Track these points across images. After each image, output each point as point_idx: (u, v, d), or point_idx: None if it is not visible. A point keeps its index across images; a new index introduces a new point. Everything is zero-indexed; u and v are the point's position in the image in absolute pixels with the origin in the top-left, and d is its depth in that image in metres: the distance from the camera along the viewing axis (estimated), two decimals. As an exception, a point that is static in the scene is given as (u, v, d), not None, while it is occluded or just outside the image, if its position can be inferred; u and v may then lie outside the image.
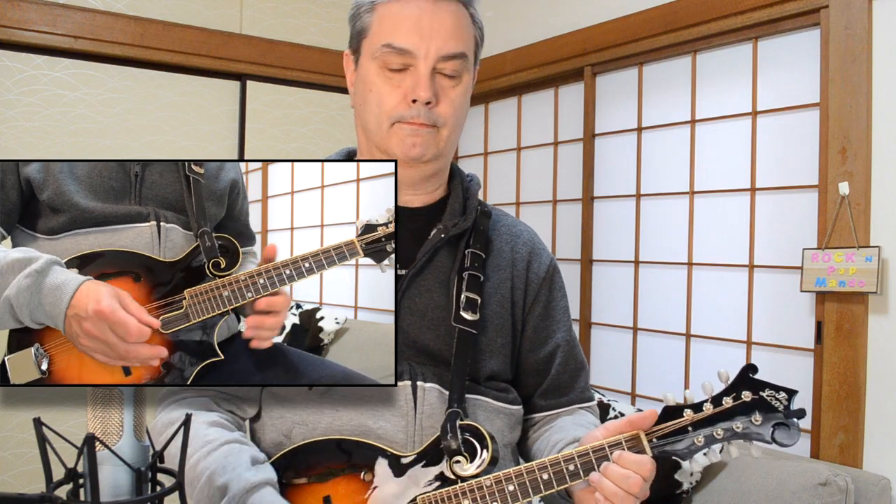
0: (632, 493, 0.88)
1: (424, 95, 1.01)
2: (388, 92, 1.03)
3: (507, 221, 1.19)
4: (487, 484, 0.92)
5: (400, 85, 1.02)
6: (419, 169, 1.08)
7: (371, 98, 1.04)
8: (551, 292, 1.17)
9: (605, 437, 0.93)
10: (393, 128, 1.04)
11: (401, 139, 1.03)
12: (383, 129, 1.04)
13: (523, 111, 2.98)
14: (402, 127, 1.03)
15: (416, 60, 1.01)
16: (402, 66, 1.02)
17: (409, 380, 1.03)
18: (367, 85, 1.05)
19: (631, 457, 0.90)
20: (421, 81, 1.01)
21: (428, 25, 1.01)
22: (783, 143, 2.10)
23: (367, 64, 1.05)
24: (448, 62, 1.02)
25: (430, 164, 1.08)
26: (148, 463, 0.73)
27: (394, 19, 1.01)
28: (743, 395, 0.90)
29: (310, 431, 1.01)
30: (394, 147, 1.04)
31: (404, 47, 1.00)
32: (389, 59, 1.01)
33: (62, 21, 2.53)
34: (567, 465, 0.91)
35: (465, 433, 0.97)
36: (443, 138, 1.05)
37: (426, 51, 1.01)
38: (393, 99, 1.02)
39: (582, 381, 1.18)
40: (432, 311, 1.06)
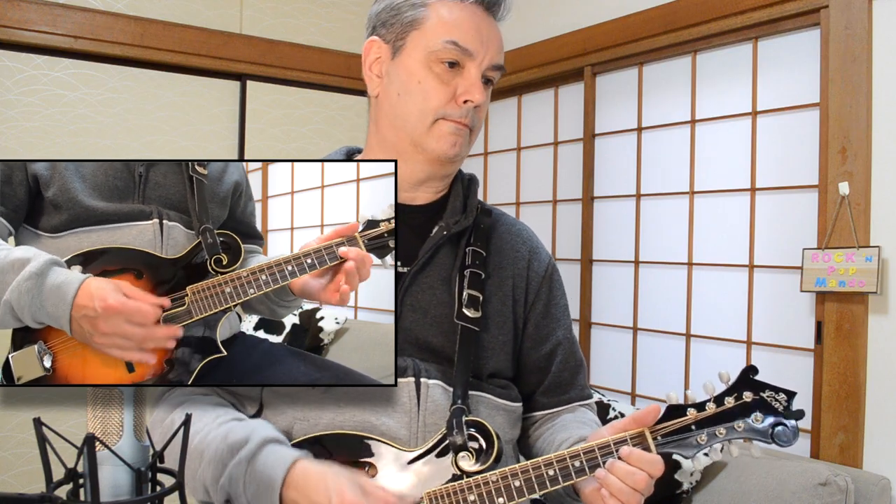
0: (637, 489, 0.89)
1: (479, 98, 1.04)
2: (437, 87, 1.04)
3: (506, 220, 1.20)
4: (493, 479, 0.93)
5: (449, 83, 1.04)
6: (445, 168, 1.09)
7: (416, 90, 1.05)
8: (551, 290, 1.18)
9: (611, 434, 0.94)
10: (436, 124, 1.05)
11: (442, 136, 1.05)
12: (426, 123, 1.05)
13: (523, 111, 2.98)
14: (447, 124, 1.05)
15: (472, 63, 1.04)
16: (456, 64, 1.04)
17: (413, 376, 1.03)
18: (412, 76, 1.05)
19: (639, 454, 0.91)
20: (476, 84, 1.04)
21: (486, 33, 1.06)
22: (783, 143, 2.10)
23: (416, 55, 1.05)
24: (494, 71, 1.08)
25: (455, 164, 1.11)
26: (148, 463, 0.73)
27: (456, 19, 1.04)
28: (744, 396, 0.91)
29: (311, 428, 1.02)
30: (432, 142, 1.05)
31: (468, 48, 1.03)
32: (449, 55, 1.03)
33: (62, 21, 2.53)
34: (573, 461, 0.92)
35: (471, 429, 0.98)
36: (470, 141, 1.10)
37: (483, 56, 1.05)
38: (442, 96, 1.04)
39: (581, 378, 1.20)
40: (435, 308, 1.07)
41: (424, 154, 1.06)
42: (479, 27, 1.05)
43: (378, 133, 1.12)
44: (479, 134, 1.12)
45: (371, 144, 1.15)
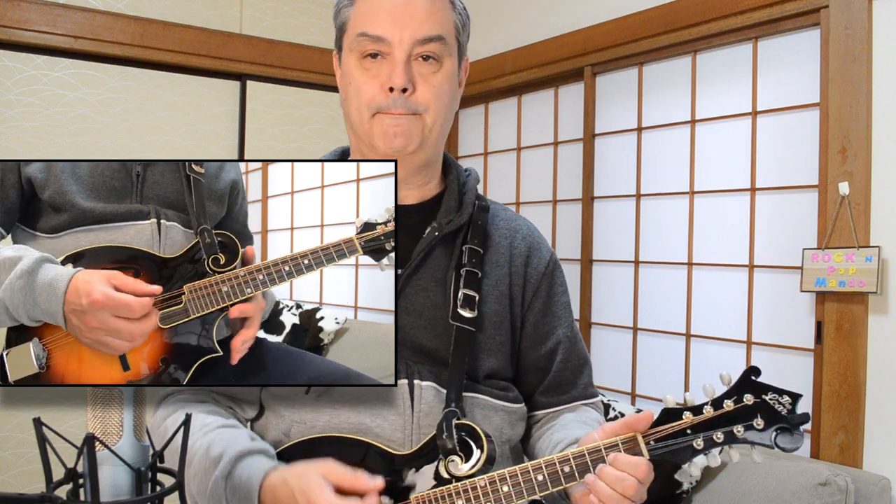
0: (626, 495, 0.86)
1: (399, 82, 1.00)
2: (366, 81, 1.03)
3: (505, 216, 1.18)
4: (482, 484, 0.92)
5: (377, 74, 1.02)
6: (406, 161, 1.07)
7: (351, 90, 1.05)
8: (551, 287, 1.16)
9: (602, 438, 0.91)
10: (374, 119, 1.03)
11: (382, 130, 1.03)
12: (364, 120, 1.04)
13: (523, 111, 2.98)
14: (383, 118, 1.03)
15: (392, 48, 1.01)
16: (378, 54, 1.02)
17: (406, 378, 1.02)
18: (347, 78, 1.06)
19: (625, 458, 0.88)
20: (396, 68, 1.00)
21: (402, 11, 1.01)
22: (783, 143, 2.10)
23: (347, 57, 1.05)
24: (424, 46, 1.02)
25: (417, 154, 1.06)
26: (148, 463, 0.73)
27: (369, 9, 1.02)
28: (745, 399, 0.87)
29: (308, 430, 1.01)
30: (376, 139, 1.04)
31: (378, 34, 1.00)
32: (365, 48, 1.02)
33: (62, 21, 2.53)
34: (562, 466, 0.90)
35: (461, 432, 0.96)
36: (426, 126, 1.04)
37: (400, 37, 1.00)
38: (371, 88, 1.02)
39: (585, 377, 1.17)
40: (429, 310, 1.06)
41: (375, 152, 1.05)
42: (393, 8, 1.01)
43: (350, 139, 1.13)
44: (444, 118, 1.07)
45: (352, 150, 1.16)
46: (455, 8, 1.07)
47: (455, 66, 1.07)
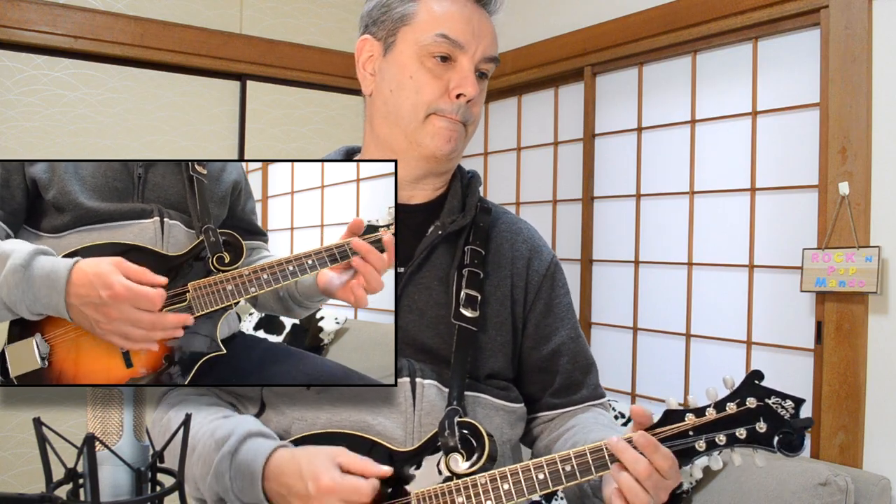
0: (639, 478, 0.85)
1: (472, 91, 1.03)
2: (429, 82, 1.03)
3: (507, 219, 1.18)
4: (482, 482, 0.92)
5: (441, 77, 1.03)
6: (440, 165, 1.08)
7: (409, 85, 1.04)
8: (553, 289, 1.16)
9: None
10: (428, 119, 1.04)
11: (436, 132, 1.04)
12: (418, 118, 1.04)
13: (523, 111, 2.98)
14: (439, 119, 1.03)
15: (464, 56, 1.03)
16: (448, 58, 1.03)
17: (408, 377, 1.03)
18: (404, 71, 1.04)
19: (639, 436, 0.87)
20: (469, 78, 1.03)
21: (478, 26, 1.04)
22: (783, 143, 2.10)
23: (407, 51, 1.04)
24: (488, 64, 1.06)
25: (453, 160, 1.09)
26: (148, 463, 0.73)
27: (447, 13, 1.03)
28: (748, 402, 0.87)
29: (309, 427, 1.02)
30: (426, 138, 1.04)
31: (459, 40, 1.02)
32: (440, 49, 1.02)
33: (62, 21, 2.53)
34: (563, 465, 0.90)
35: (463, 430, 0.97)
36: (465, 136, 1.08)
37: (475, 49, 1.03)
38: (434, 90, 1.03)
39: (593, 378, 1.18)
40: (431, 308, 1.06)
41: (419, 150, 1.05)
42: (469, 19, 1.03)
43: (373, 132, 1.11)
44: (475, 130, 1.11)
45: (367, 144, 1.14)
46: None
47: None
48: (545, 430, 1.17)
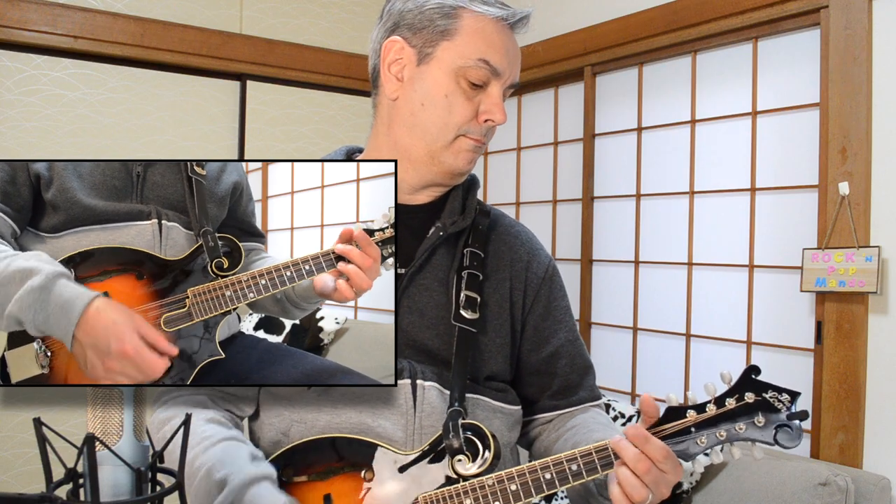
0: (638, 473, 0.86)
1: (501, 119, 1.04)
2: (462, 104, 1.03)
3: (505, 222, 1.19)
4: (489, 483, 0.92)
5: (473, 100, 1.03)
6: (457, 179, 1.10)
7: (442, 104, 1.03)
8: (551, 292, 1.16)
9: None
10: (457, 140, 1.04)
11: (461, 152, 1.05)
12: (447, 138, 1.04)
13: (523, 111, 2.98)
14: (467, 141, 1.05)
15: (497, 82, 1.04)
16: (482, 84, 1.03)
17: (409, 378, 1.02)
18: (439, 88, 1.03)
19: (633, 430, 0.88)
20: (499, 104, 1.04)
21: (512, 51, 1.05)
22: (783, 143, 2.10)
23: (445, 68, 1.02)
24: (511, 88, 1.07)
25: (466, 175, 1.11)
26: (148, 463, 0.73)
27: (488, 37, 1.03)
28: (746, 397, 0.89)
29: (308, 429, 1.01)
30: (450, 158, 1.05)
31: (498, 68, 1.02)
32: (477, 74, 1.02)
33: (62, 21, 2.53)
34: (570, 465, 0.91)
35: (467, 432, 0.97)
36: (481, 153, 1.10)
37: (507, 76, 1.04)
38: (466, 112, 1.03)
39: (590, 379, 1.18)
40: (432, 309, 1.06)
41: (440, 167, 1.06)
42: (507, 45, 1.04)
43: (390, 135, 1.09)
44: None
45: (378, 145, 1.11)
46: None
47: None
48: (543, 432, 1.17)
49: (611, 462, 0.90)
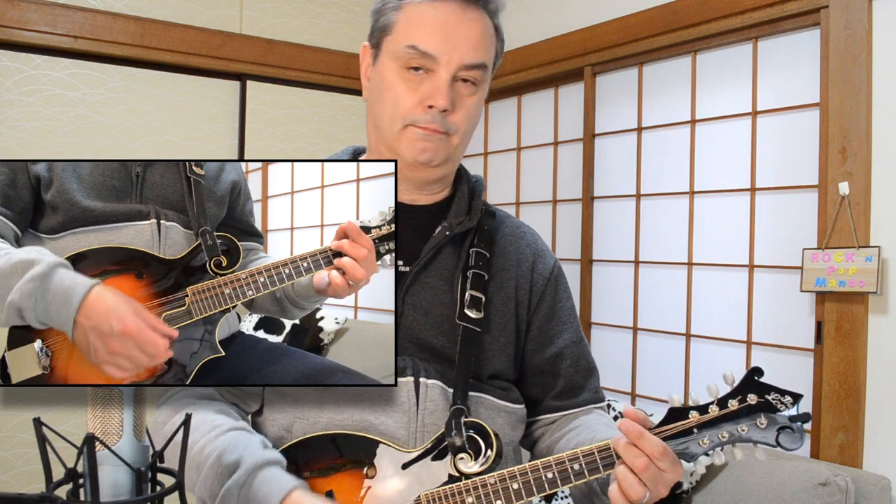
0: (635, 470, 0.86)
1: (442, 103, 1.00)
2: (405, 93, 1.02)
3: (511, 223, 1.19)
4: (492, 482, 0.92)
5: (417, 88, 1.01)
6: (426, 173, 1.08)
7: (387, 97, 1.04)
8: (556, 293, 1.17)
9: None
10: (405, 130, 1.03)
11: (411, 142, 1.03)
12: (395, 129, 1.04)
13: (523, 111, 2.99)
14: (415, 130, 1.02)
15: (438, 66, 1.00)
16: (423, 69, 1.01)
17: (412, 376, 1.03)
18: (384, 83, 1.04)
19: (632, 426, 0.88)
20: (440, 88, 1.00)
21: (454, 32, 1.00)
22: (783, 143, 2.10)
23: (387, 62, 1.04)
24: (469, 71, 1.02)
25: (438, 168, 1.08)
26: (148, 463, 0.73)
27: (421, 21, 1.00)
28: (748, 398, 0.89)
29: (311, 426, 1.02)
30: (403, 149, 1.04)
31: (428, 51, 0.99)
32: (411, 60, 1.01)
33: (62, 21, 2.53)
34: (572, 464, 0.91)
35: (470, 430, 0.97)
36: (453, 145, 1.05)
37: (449, 58, 1.00)
38: (409, 101, 1.02)
39: (594, 381, 1.19)
40: (436, 308, 1.06)
41: (401, 160, 1.06)
42: (445, 26, 0.99)
43: (369, 135, 1.13)
44: (469, 138, 1.09)
45: (368, 146, 1.16)
46: (498, 36, 1.08)
47: (486, 91, 1.08)
48: (546, 433, 1.17)
49: (613, 462, 0.90)
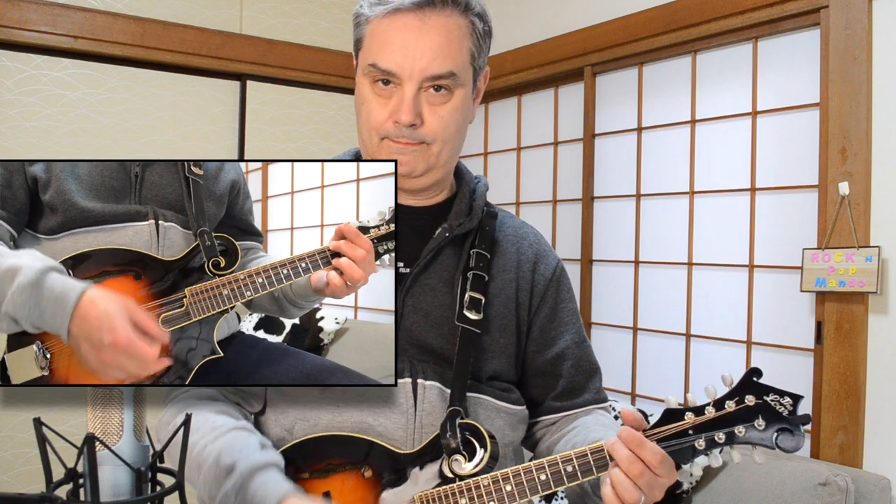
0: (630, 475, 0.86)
1: (406, 119, 0.99)
2: (376, 108, 1.02)
3: (512, 223, 1.19)
4: (485, 483, 0.92)
5: (387, 102, 1.01)
6: (412, 182, 1.07)
7: (363, 111, 1.05)
8: (558, 294, 1.17)
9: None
10: (382, 143, 1.03)
11: (389, 155, 1.03)
12: (374, 142, 1.04)
13: (523, 111, 2.98)
14: (390, 144, 1.03)
15: (401, 81, 0.99)
16: (392, 82, 1.01)
17: (410, 377, 1.03)
18: (360, 96, 1.06)
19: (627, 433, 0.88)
20: (403, 104, 0.99)
21: (413, 45, 0.98)
22: (783, 143, 2.10)
23: (360, 76, 1.05)
24: (436, 81, 1.00)
25: (423, 178, 1.07)
26: (148, 463, 0.73)
27: (381, 38, 1.00)
28: (746, 400, 0.87)
29: (311, 427, 1.02)
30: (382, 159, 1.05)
31: (388, 69, 0.99)
32: (377, 77, 1.01)
33: (62, 21, 2.53)
34: (565, 466, 0.91)
35: (465, 432, 0.97)
36: (433, 154, 1.04)
37: (410, 72, 0.98)
38: (380, 116, 1.02)
39: (596, 382, 1.18)
40: (436, 309, 1.06)
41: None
42: (405, 41, 0.98)
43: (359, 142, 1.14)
44: (455, 143, 1.06)
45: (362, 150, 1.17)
46: (475, 32, 1.04)
47: (467, 92, 1.05)
48: (547, 433, 1.17)
49: (606, 463, 0.90)
